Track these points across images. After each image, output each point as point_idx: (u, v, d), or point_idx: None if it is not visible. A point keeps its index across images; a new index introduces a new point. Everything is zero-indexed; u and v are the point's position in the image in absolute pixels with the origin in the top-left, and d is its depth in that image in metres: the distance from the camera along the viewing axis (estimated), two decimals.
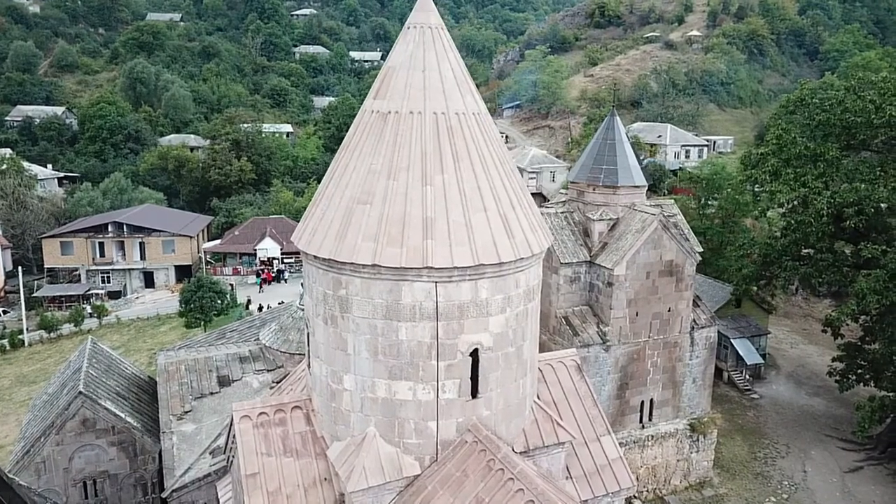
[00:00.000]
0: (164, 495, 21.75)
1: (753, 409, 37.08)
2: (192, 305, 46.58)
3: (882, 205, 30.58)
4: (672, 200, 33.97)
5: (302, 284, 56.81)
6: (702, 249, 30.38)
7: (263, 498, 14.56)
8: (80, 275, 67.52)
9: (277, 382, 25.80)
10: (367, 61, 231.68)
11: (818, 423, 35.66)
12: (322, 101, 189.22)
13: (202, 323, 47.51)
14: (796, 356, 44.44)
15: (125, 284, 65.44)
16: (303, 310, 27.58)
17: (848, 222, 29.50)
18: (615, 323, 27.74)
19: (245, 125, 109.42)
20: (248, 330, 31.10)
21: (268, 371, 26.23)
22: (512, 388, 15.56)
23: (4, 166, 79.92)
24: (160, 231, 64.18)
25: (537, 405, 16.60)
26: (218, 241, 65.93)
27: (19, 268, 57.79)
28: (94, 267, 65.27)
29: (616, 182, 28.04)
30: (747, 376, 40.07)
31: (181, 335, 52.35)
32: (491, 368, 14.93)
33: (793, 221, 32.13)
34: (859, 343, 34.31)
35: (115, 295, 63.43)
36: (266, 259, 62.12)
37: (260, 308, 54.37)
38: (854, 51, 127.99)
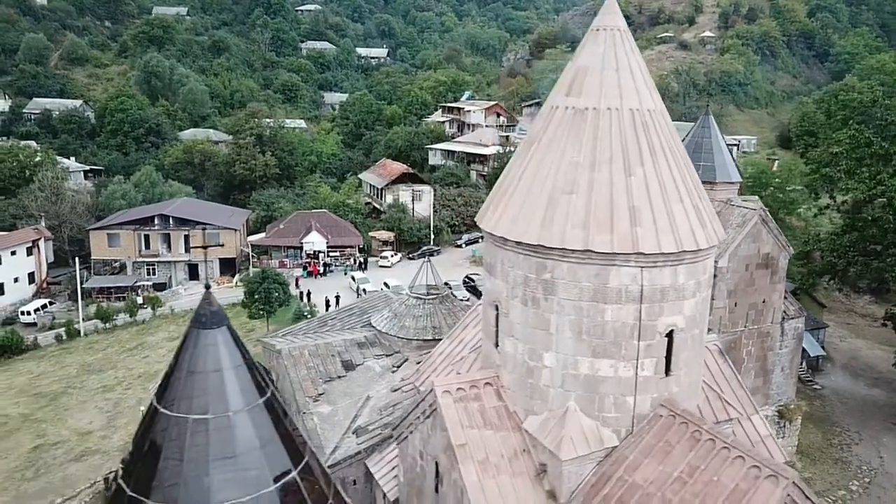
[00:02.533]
0: None
1: (818, 398, 38.51)
2: (256, 297, 47.48)
3: None
4: (757, 197, 35.32)
5: (353, 277, 57.23)
6: None
7: (474, 466, 15.64)
8: (118, 267, 68.16)
9: (397, 366, 26.93)
10: (373, 58, 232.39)
11: (883, 413, 37.13)
12: (332, 97, 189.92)
13: (265, 314, 48.43)
14: (847, 349, 45.97)
15: (170, 276, 66.18)
16: (418, 297, 28.75)
17: None
18: (716, 313, 29.01)
19: (267, 120, 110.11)
20: (349, 318, 32.15)
21: (386, 356, 27.27)
22: (694, 368, 16.76)
23: (38, 158, 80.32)
24: (205, 224, 64.95)
25: (704, 384, 17.81)
26: (262, 235, 66.79)
27: (76, 259, 58.41)
28: (139, 259, 65.99)
29: (714, 178, 29.34)
30: (807, 368, 41.50)
31: (240, 325, 53.25)
32: (682, 349, 16.10)
33: (868, 217, 33.56)
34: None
35: (160, 287, 64.15)
36: (312, 252, 63.06)
37: (308, 297, 55.20)
38: (864, 53, 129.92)
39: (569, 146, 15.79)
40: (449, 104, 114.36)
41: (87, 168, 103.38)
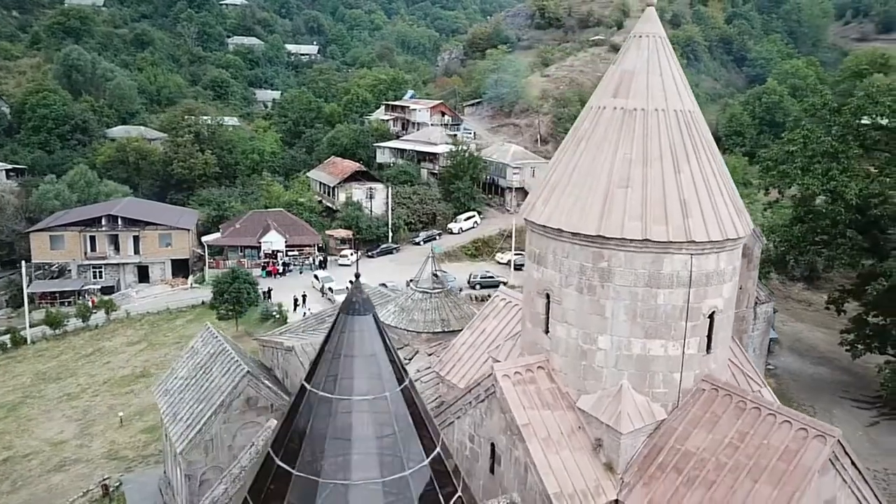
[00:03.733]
0: None
1: (773, 377, 41.73)
2: (226, 297, 46.58)
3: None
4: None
5: (317, 276, 57.03)
6: None
7: (539, 444, 16.69)
8: (57, 270, 64.92)
9: (409, 359, 27.55)
10: (304, 55, 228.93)
11: (830, 388, 40.70)
12: (264, 95, 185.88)
13: (235, 315, 47.60)
14: (791, 332, 49.87)
15: (118, 279, 63.52)
16: (424, 291, 29.43)
17: (875, 210, 34.37)
18: None
19: (205, 118, 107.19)
20: None
21: (398, 349, 27.83)
22: (726, 346, 18.43)
23: None
24: (156, 224, 62.72)
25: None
26: (217, 235, 65.13)
27: (22, 263, 55.12)
28: (85, 262, 63.00)
29: None
30: None
31: (204, 327, 52.01)
32: (720, 328, 17.71)
33: (822, 210, 36.78)
34: (864, 317, 39.49)
35: (108, 290, 61.51)
36: (271, 252, 62.15)
37: (269, 296, 54.45)
38: (777, 59, 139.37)
39: (621, 144, 17.03)
40: (392, 102, 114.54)
41: (10, 167, 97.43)
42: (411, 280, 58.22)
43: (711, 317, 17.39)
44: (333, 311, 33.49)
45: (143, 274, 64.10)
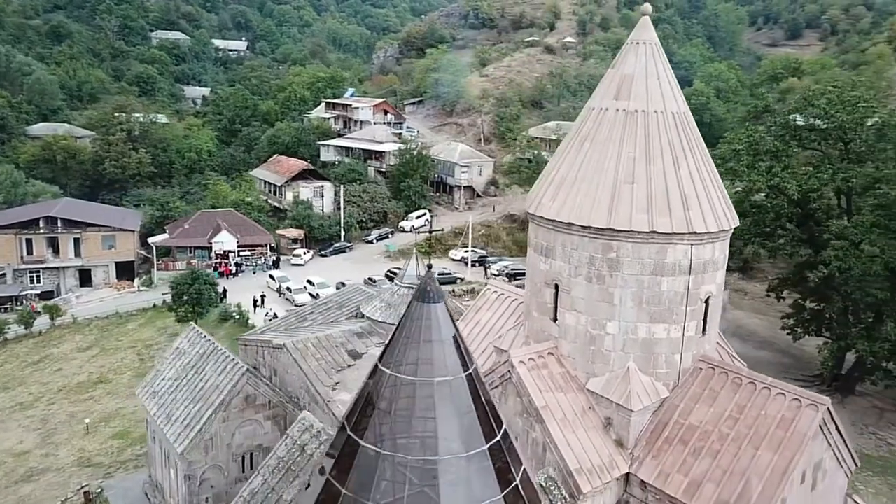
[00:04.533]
0: None
1: None
2: (186, 298, 45.50)
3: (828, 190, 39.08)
4: None
5: (272, 276, 56.54)
6: None
7: (557, 424, 17.79)
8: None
9: None
10: (232, 51, 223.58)
11: (773, 369, 43.87)
12: (193, 91, 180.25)
13: (195, 317, 46.56)
14: (731, 319, 53.22)
15: (58, 284, 60.60)
16: (410, 286, 30.05)
17: (813, 204, 37.44)
18: None
19: (137, 115, 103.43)
20: (328, 312, 32.71)
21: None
22: (716, 328, 20.08)
23: None
24: (98, 226, 60.21)
25: None
26: (165, 236, 63.10)
27: None
28: (21, 266, 59.78)
29: None
30: None
31: (159, 331, 50.67)
32: (713, 312, 19.33)
33: (767, 205, 39.71)
34: (802, 303, 42.84)
35: (47, 295, 58.69)
36: (222, 252, 60.86)
37: (224, 296, 53.48)
38: (700, 62, 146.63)
39: (625, 143, 18.34)
40: (333, 100, 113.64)
41: None
42: (369, 278, 58.76)
43: (707, 301, 18.97)
44: (312, 311, 33.69)
45: (84, 277, 61.43)
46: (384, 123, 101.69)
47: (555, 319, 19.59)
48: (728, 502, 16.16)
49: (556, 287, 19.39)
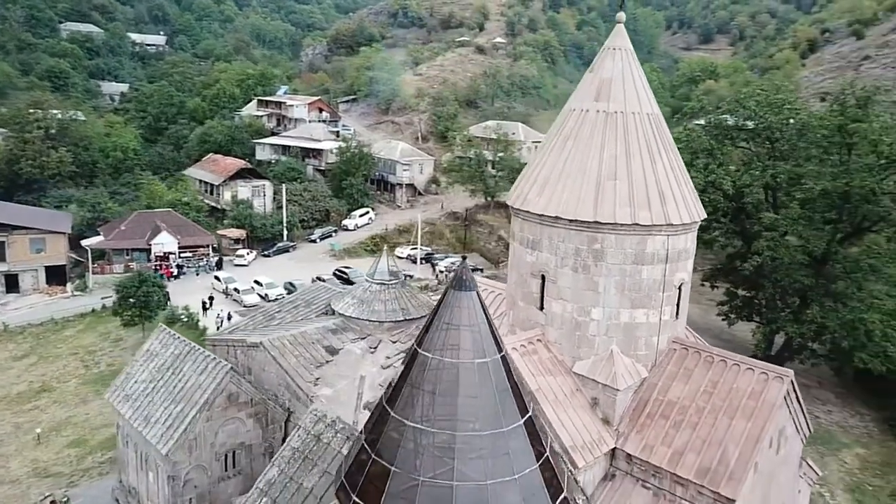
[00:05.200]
0: None
1: None
2: (133, 302, 43.99)
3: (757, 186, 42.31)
4: None
5: (217, 277, 55.31)
6: None
7: (550, 405, 18.98)
8: None
9: (374, 348, 28.72)
10: (150, 45, 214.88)
11: None
12: (110, 87, 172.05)
13: (143, 320, 45.12)
14: None
15: None
16: (381, 283, 30.65)
17: (746, 199, 40.46)
18: None
19: (55, 112, 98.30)
20: (296, 310, 32.81)
21: (360, 339, 28.88)
22: (686, 312, 21.79)
23: None
24: (26, 228, 57.03)
25: None
26: (100, 238, 60.39)
27: None
28: None
29: None
30: None
31: (101, 336, 48.80)
32: (685, 297, 21.02)
33: (705, 200, 42.47)
34: (734, 290, 46.04)
35: None
36: (162, 254, 58.96)
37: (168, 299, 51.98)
38: None
39: (606, 142, 19.72)
40: (266, 98, 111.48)
41: None
42: (317, 277, 58.52)
43: (680, 288, 20.64)
44: (280, 307, 33.65)
45: (11, 283, 58.11)
46: (320, 122, 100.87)
47: (541, 308, 20.78)
48: (709, 468, 17.78)
49: (543, 278, 20.58)
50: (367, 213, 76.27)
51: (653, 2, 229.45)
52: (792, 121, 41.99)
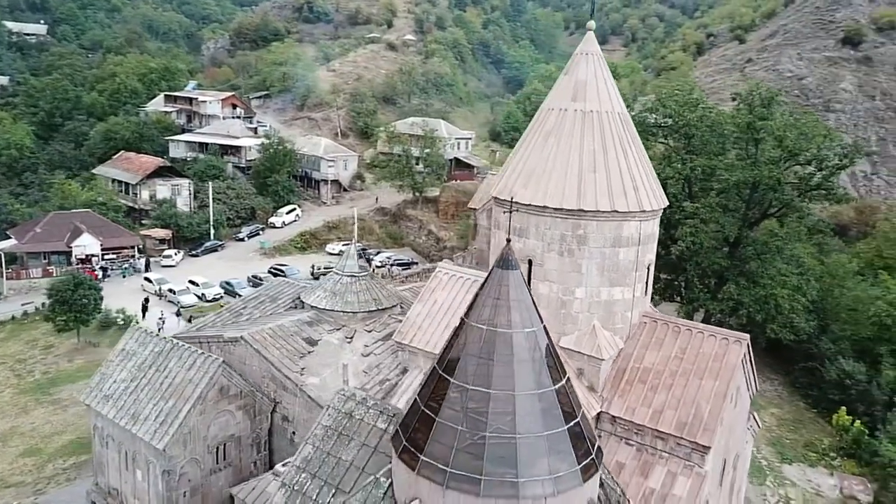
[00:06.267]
0: None
1: None
2: (67, 306, 42.03)
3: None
4: None
5: (148, 279, 53.70)
6: None
7: None
8: None
9: (350, 338, 29.74)
10: (29, 35, 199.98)
11: None
12: None
13: (78, 325, 43.18)
14: None
15: None
16: (352, 275, 31.65)
17: (669, 190, 44.37)
18: None
19: None
20: (262, 306, 33.18)
21: (336, 329, 29.80)
22: (650, 289, 24.45)
23: None
24: None
25: None
26: (13, 241, 56.44)
27: None
28: None
29: None
30: None
31: (28, 344, 46.22)
32: (651, 276, 23.63)
33: None
34: (657, 274, 50.21)
35: None
36: (84, 256, 56.15)
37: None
38: (529, 63, 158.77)
39: (585, 138, 21.93)
40: (174, 93, 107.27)
41: None
42: (253, 275, 57.97)
43: (648, 267, 23.24)
44: (244, 306, 33.81)
45: None
46: (234, 118, 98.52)
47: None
48: (686, 422, 20.39)
49: (530, 262, 22.53)
50: (294, 210, 75.79)
51: (551, 3, 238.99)
52: (706, 118, 46.44)
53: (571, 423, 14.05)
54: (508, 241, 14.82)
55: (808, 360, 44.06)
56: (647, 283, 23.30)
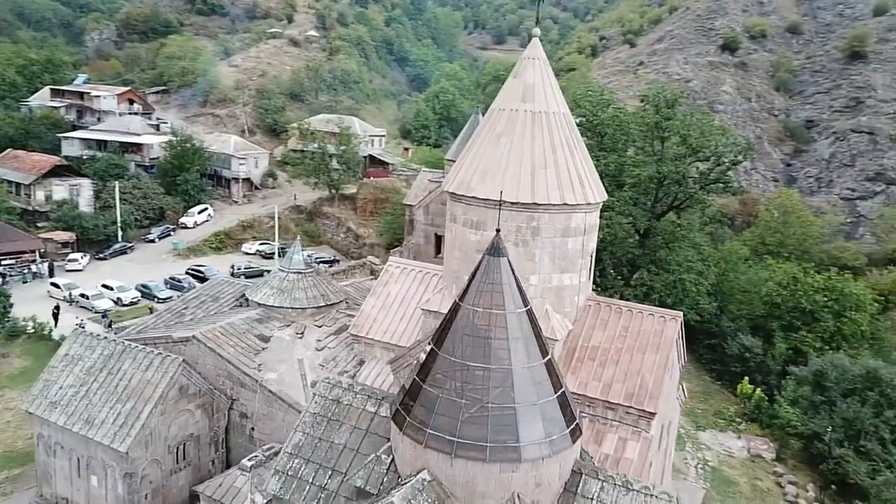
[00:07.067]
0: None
1: None
2: None
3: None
4: None
5: (56, 284, 51.14)
6: None
7: None
8: None
9: (301, 333, 30.15)
10: None
11: None
12: None
13: None
14: None
15: None
16: (298, 272, 31.94)
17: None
18: None
19: None
20: (203, 305, 32.82)
21: (286, 326, 30.11)
22: (592, 275, 26.65)
23: None
24: None
25: None
26: None
27: None
28: None
29: None
30: None
31: None
32: (593, 264, 25.80)
33: None
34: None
35: None
36: None
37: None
38: (433, 61, 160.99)
39: (535, 137, 23.70)
40: (63, 87, 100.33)
41: None
42: (171, 277, 56.15)
43: (592, 255, 25.39)
44: (185, 306, 33.23)
45: None
46: (131, 114, 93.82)
47: None
48: (633, 393, 22.64)
49: None
50: (206, 209, 73.57)
51: (449, 2, 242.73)
52: (616, 118, 49.95)
53: (559, 393, 15.71)
54: (498, 231, 16.27)
55: (710, 337, 48.62)
56: (590, 269, 25.43)
